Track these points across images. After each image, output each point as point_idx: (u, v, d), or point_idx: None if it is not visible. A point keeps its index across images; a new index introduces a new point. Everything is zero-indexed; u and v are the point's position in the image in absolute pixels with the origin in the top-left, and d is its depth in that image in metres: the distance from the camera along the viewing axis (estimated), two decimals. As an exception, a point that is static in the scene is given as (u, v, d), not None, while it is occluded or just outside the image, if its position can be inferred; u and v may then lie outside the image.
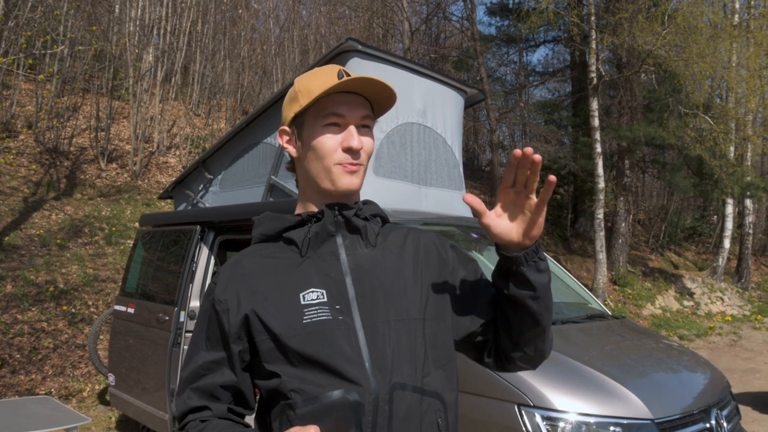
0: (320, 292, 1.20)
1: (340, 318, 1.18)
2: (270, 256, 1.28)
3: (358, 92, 1.26)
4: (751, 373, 8.36)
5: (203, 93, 14.97)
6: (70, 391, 6.01)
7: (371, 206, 1.35)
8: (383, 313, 1.21)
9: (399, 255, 1.31)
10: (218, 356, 1.23)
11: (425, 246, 1.36)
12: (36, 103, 11.14)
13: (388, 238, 1.34)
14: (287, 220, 1.30)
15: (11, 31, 8.57)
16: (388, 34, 18.74)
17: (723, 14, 14.50)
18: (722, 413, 3.03)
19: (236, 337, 1.22)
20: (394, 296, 1.23)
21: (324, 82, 1.22)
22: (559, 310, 3.98)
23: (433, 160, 4.47)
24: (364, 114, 1.27)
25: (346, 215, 1.27)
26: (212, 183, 5.09)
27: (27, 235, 8.25)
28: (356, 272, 1.24)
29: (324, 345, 1.15)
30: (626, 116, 14.11)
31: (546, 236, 15.46)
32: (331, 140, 1.24)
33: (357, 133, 1.25)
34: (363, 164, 1.28)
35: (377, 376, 1.15)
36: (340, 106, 1.24)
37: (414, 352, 1.20)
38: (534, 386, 2.66)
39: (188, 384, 1.25)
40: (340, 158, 1.24)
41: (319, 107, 1.25)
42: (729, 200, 15.25)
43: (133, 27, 13.73)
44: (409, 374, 1.18)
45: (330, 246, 1.26)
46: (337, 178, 1.25)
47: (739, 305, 14.26)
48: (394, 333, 1.20)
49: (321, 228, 1.26)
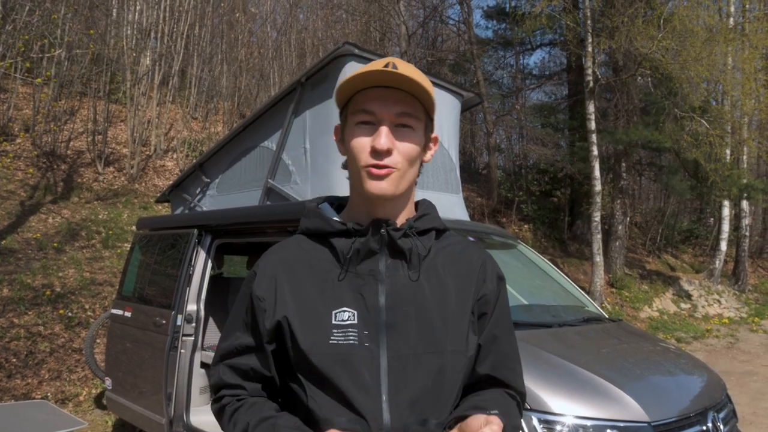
0: (352, 312, 1.15)
1: (366, 344, 1.13)
2: (312, 255, 1.22)
3: (398, 87, 1.15)
4: (748, 375, 8.37)
5: (200, 96, 14.97)
6: (67, 395, 5.99)
7: (426, 219, 1.27)
8: (413, 344, 1.14)
9: (446, 279, 1.23)
10: (255, 343, 1.21)
11: (475, 271, 1.27)
12: (33, 106, 11.13)
13: (438, 256, 1.25)
14: (330, 224, 1.22)
15: (9, 35, 8.56)
16: (385, 37, 18.78)
17: (719, 17, 14.55)
18: (719, 416, 3.03)
19: (270, 338, 1.20)
20: (428, 327, 1.16)
21: (359, 71, 1.14)
22: (556, 313, 3.99)
23: (429, 164, 4.46)
24: (401, 111, 1.15)
25: (393, 236, 1.18)
26: (209, 186, 5.08)
27: (24, 239, 8.24)
28: (393, 298, 1.16)
29: (344, 371, 1.11)
30: (623, 119, 14.15)
31: (543, 239, 15.48)
32: (360, 140, 1.16)
33: (387, 133, 1.14)
34: (397, 168, 1.16)
35: (393, 411, 1.10)
36: (371, 102, 1.15)
37: (446, 387, 1.15)
38: (531, 389, 2.66)
39: (225, 359, 1.24)
40: (367, 160, 1.15)
41: (354, 103, 1.17)
42: (726, 203, 15.29)
43: (130, 30, 13.73)
44: (434, 409, 1.13)
45: (370, 264, 1.18)
46: (364, 183, 1.15)
47: (736, 308, 14.28)
48: (420, 366, 1.14)
49: (363, 245, 1.18)
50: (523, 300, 4.01)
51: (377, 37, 18.93)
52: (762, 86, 12.72)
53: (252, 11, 17.77)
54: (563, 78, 18.40)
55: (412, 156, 1.19)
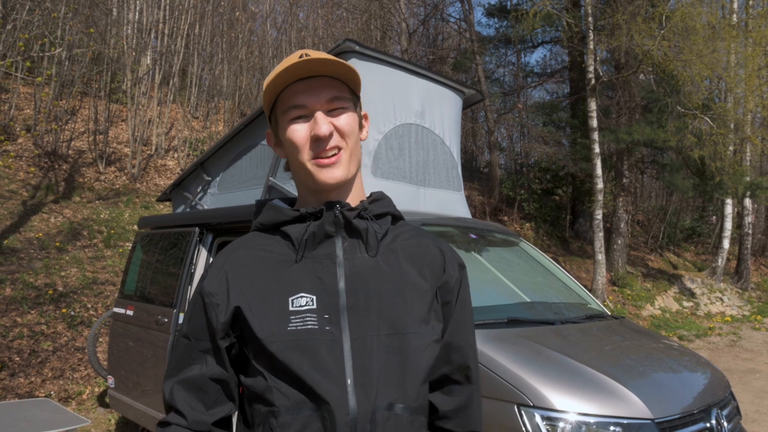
0: (310, 297, 1.12)
1: (327, 328, 1.10)
2: (265, 248, 1.20)
3: (320, 74, 1.15)
4: (751, 373, 8.35)
5: (201, 95, 14.98)
6: (70, 393, 6.00)
7: (381, 203, 1.26)
8: (375, 326, 1.13)
9: (403, 263, 1.21)
10: (206, 347, 1.17)
11: (435, 258, 1.26)
12: (34, 106, 11.14)
13: (396, 241, 1.24)
14: (284, 213, 1.21)
15: (9, 34, 8.57)
16: (386, 35, 18.76)
17: (721, 14, 14.51)
18: (722, 413, 3.02)
19: (224, 334, 1.15)
20: (389, 309, 1.15)
21: (277, 71, 1.13)
22: (559, 311, 3.98)
23: (431, 161, 4.47)
24: (331, 96, 1.16)
25: (347, 216, 1.17)
26: (210, 185, 5.08)
27: (26, 238, 8.24)
28: (352, 280, 1.15)
29: (304, 356, 1.08)
30: (625, 117, 14.12)
31: (545, 237, 15.46)
32: (298, 134, 1.15)
33: (323, 117, 1.14)
34: (344, 148, 1.16)
35: (359, 394, 1.08)
36: (299, 96, 1.15)
37: (409, 369, 1.13)
38: (534, 386, 2.65)
39: (176, 373, 1.18)
40: (313, 152, 1.15)
41: (281, 102, 1.17)
42: (728, 200, 15.25)
43: (130, 30, 13.73)
44: (399, 392, 1.11)
45: (327, 248, 1.17)
46: (316, 175, 1.15)
47: (739, 305, 14.26)
48: (385, 347, 1.12)
49: (318, 228, 1.16)
50: (525, 297, 4.00)
51: (378, 35, 18.92)
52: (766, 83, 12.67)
53: (252, 10, 17.75)
54: (565, 76, 18.38)
55: (352, 131, 1.18)
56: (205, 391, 1.16)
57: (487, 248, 4.37)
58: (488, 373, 2.74)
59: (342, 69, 1.16)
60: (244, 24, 16.12)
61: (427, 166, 4.41)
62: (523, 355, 2.91)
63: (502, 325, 3.24)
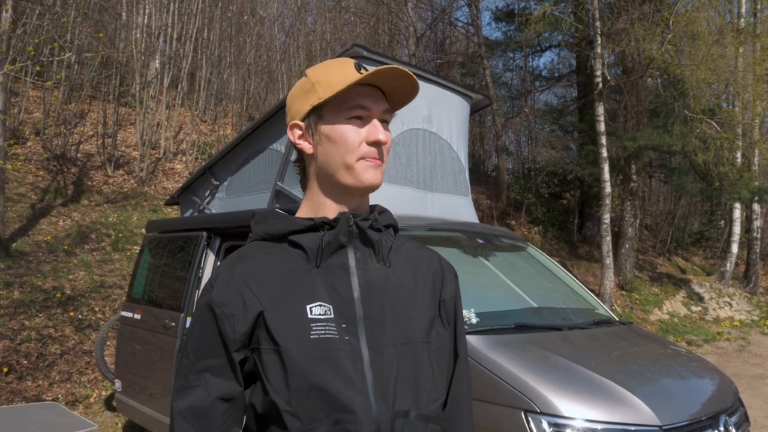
0: (327, 307, 1.12)
1: (346, 338, 1.10)
2: (275, 256, 1.19)
3: (376, 85, 1.20)
4: (760, 378, 8.29)
5: (209, 99, 15.03)
6: (77, 397, 6.01)
7: (386, 216, 1.27)
8: (390, 335, 1.14)
9: (410, 274, 1.24)
10: (214, 363, 1.13)
11: (435, 271, 1.30)
12: (43, 109, 11.22)
13: (399, 253, 1.26)
14: (296, 222, 1.20)
15: (19, 39, 8.63)
16: (394, 39, 18.78)
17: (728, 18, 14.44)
18: (731, 419, 3.00)
19: (241, 345, 1.12)
20: (403, 317, 1.17)
21: (344, 73, 1.16)
22: (566, 316, 3.97)
23: (438, 166, 4.47)
24: (386, 108, 1.22)
25: (362, 226, 1.19)
26: (218, 189, 5.09)
27: (34, 242, 8.29)
28: (366, 290, 1.16)
29: (328, 366, 1.08)
30: (632, 121, 14.07)
31: (553, 241, 15.42)
32: (355, 133, 1.18)
33: (381, 126, 1.20)
34: (383, 160, 1.21)
35: (380, 404, 1.09)
36: (365, 98, 1.18)
37: (421, 377, 1.15)
38: (541, 392, 2.65)
39: (181, 397, 1.14)
40: (365, 152, 1.18)
41: (341, 100, 1.18)
42: (737, 205, 15.16)
43: (139, 34, 13.81)
44: (413, 401, 1.13)
45: (340, 257, 1.17)
46: (362, 173, 1.17)
47: (748, 310, 14.16)
48: (400, 357, 1.13)
49: (333, 237, 1.17)
50: (532, 303, 3.99)
51: (386, 39, 18.94)
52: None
53: (260, 14, 17.81)
54: (573, 79, 18.32)
55: (389, 149, 1.24)
56: (209, 417, 1.12)
57: (494, 253, 4.37)
58: (495, 379, 2.73)
59: (413, 88, 1.22)
60: (252, 28, 16.18)
61: (434, 171, 4.42)
62: (530, 361, 2.90)
63: (510, 330, 3.23)
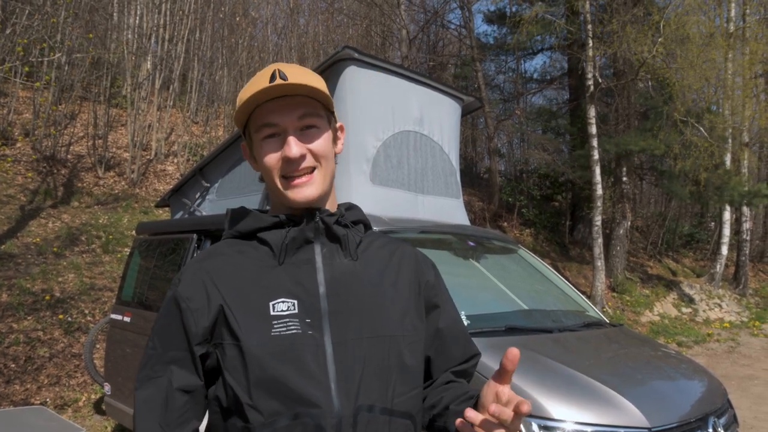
0: (291, 302, 1.13)
1: (309, 333, 1.11)
2: (242, 253, 1.20)
3: (292, 93, 1.15)
4: (749, 379, 8.34)
5: (201, 101, 14.98)
6: (66, 400, 5.97)
7: (354, 212, 1.28)
8: (356, 330, 1.14)
9: (381, 268, 1.24)
10: (176, 356, 1.14)
11: (410, 262, 1.30)
12: (33, 110, 11.14)
13: (370, 248, 1.27)
14: (263, 220, 1.22)
15: (8, 39, 8.57)
16: (386, 42, 18.79)
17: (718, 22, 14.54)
18: (720, 421, 3.02)
19: (202, 339, 1.14)
20: (369, 312, 1.17)
21: (252, 90, 1.14)
22: (557, 318, 3.98)
23: (429, 168, 4.47)
24: (302, 113, 1.16)
25: (327, 222, 1.19)
26: (209, 191, 5.08)
27: (23, 244, 8.23)
28: (332, 284, 1.16)
29: (289, 362, 1.08)
30: (623, 124, 14.14)
31: (544, 243, 15.46)
32: (271, 155, 1.16)
33: (295, 141, 1.15)
34: (317, 168, 1.18)
35: (342, 398, 1.09)
36: (270, 115, 1.15)
37: (386, 372, 1.15)
38: (531, 395, 2.65)
39: (143, 385, 1.15)
40: (284, 171, 1.16)
41: (254, 120, 1.18)
42: (726, 207, 15.27)
43: (131, 35, 13.75)
44: (378, 395, 1.13)
45: (306, 253, 1.18)
46: (288, 194, 1.17)
47: (737, 312, 14.25)
48: (365, 351, 1.13)
49: (299, 233, 1.18)
50: (523, 305, 3.99)
51: (378, 41, 18.95)
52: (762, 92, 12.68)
53: (252, 15, 17.79)
54: (564, 82, 18.41)
55: (326, 152, 1.20)
56: (168, 408, 1.13)
57: (485, 255, 4.37)
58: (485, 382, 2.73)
59: (312, 92, 1.16)
60: (245, 29, 16.16)
61: (425, 174, 4.42)
62: (520, 364, 2.89)
63: (500, 333, 3.23)
